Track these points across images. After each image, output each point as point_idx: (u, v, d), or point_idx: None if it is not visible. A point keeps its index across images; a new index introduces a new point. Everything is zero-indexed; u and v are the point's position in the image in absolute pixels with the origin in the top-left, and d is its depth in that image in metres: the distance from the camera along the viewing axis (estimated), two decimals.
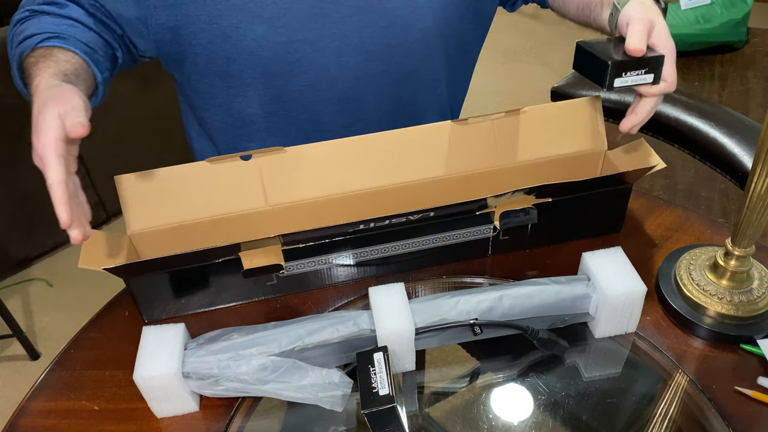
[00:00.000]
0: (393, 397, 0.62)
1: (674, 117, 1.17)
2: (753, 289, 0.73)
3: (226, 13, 0.80)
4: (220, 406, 0.70)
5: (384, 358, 0.65)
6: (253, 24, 0.81)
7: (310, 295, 0.81)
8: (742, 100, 1.65)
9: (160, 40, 0.83)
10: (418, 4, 0.86)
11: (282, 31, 0.82)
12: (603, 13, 0.81)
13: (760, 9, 2.60)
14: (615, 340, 0.75)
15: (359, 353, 0.65)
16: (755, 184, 0.65)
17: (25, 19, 0.79)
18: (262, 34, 0.82)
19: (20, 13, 0.80)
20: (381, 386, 0.63)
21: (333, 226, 0.74)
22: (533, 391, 0.71)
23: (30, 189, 1.82)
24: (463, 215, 0.78)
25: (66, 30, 0.77)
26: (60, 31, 0.76)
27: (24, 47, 0.75)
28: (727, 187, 1.37)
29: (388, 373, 0.63)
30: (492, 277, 0.82)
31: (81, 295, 1.82)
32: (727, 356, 0.72)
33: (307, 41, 0.84)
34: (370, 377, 0.63)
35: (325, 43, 0.85)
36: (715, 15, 1.77)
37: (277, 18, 0.81)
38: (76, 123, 0.62)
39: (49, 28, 0.76)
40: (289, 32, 0.83)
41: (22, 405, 0.72)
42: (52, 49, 0.74)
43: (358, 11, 0.84)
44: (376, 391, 0.62)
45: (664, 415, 0.68)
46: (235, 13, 0.80)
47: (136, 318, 0.79)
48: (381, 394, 0.62)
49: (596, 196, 0.81)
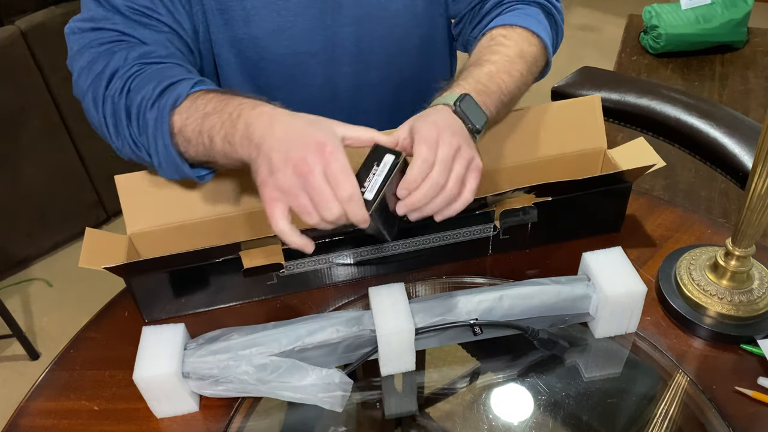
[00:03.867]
0: (371, 205, 0.59)
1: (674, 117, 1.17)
2: (753, 289, 0.73)
3: (232, 23, 0.80)
4: (220, 406, 0.70)
5: (393, 164, 0.60)
6: (258, 36, 0.81)
7: (310, 295, 0.81)
8: (742, 100, 1.65)
9: (206, 49, 0.82)
10: (417, 12, 0.86)
11: (286, 44, 0.82)
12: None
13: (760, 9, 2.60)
14: (615, 340, 0.75)
15: (377, 145, 0.62)
16: (755, 184, 0.65)
17: (135, 75, 0.70)
18: (265, 47, 0.82)
19: (124, 75, 0.69)
20: (369, 190, 0.60)
21: None
22: (533, 391, 0.71)
23: (30, 189, 1.82)
24: (463, 214, 0.78)
25: (197, 74, 0.72)
26: (194, 76, 0.70)
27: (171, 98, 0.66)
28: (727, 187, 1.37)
29: (386, 181, 0.60)
30: (492, 277, 0.82)
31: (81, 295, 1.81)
32: (727, 356, 0.71)
33: (310, 53, 0.84)
34: (367, 176, 0.60)
35: (327, 54, 0.85)
36: (715, 15, 1.77)
37: (281, 31, 0.81)
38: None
39: (181, 74, 0.70)
40: (293, 44, 0.82)
41: (22, 405, 0.72)
42: (212, 93, 0.67)
43: (358, 21, 0.84)
44: (363, 192, 0.60)
45: (664, 415, 0.68)
46: (240, 26, 0.80)
47: (136, 318, 0.79)
48: (366, 198, 0.59)
49: (596, 195, 0.81)
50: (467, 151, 0.65)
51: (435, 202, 0.63)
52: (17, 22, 1.66)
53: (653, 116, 1.19)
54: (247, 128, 0.62)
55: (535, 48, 0.80)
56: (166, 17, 0.75)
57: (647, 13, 1.83)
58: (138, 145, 0.70)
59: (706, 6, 1.79)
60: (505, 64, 0.76)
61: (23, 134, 1.73)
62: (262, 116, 0.62)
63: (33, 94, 1.71)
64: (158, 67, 0.71)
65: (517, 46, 0.78)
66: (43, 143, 1.78)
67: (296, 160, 0.57)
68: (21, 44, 1.65)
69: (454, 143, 0.64)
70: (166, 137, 0.67)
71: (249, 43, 0.81)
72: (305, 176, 0.57)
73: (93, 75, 0.71)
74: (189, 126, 0.66)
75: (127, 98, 0.69)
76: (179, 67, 0.73)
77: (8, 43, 1.62)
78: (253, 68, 0.84)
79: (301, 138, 0.59)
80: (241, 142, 0.62)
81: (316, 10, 0.81)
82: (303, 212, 0.59)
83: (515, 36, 0.80)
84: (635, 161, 0.81)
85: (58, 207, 1.91)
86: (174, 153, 0.67)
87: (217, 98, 0.66)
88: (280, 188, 0.58)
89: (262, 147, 0.60)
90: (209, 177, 0.72)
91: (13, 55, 1.64)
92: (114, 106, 0.70)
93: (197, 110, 0.66)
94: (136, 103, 0.68)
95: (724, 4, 1.78)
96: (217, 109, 0.65)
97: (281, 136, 0.59)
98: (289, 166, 0.57)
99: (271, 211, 0.59)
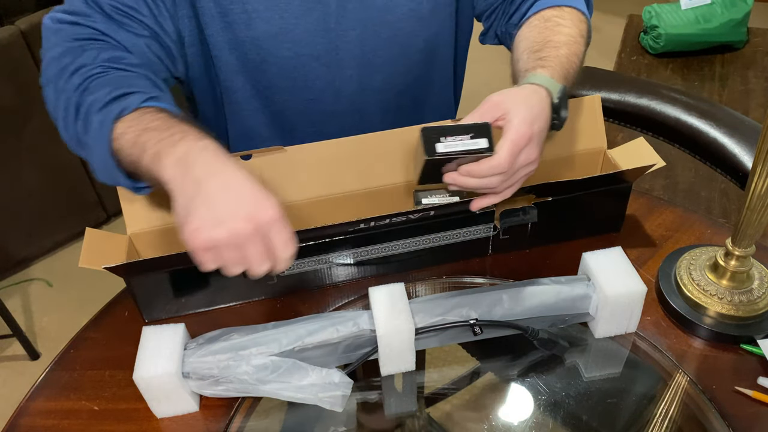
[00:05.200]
0: (434, 155, 0.64)
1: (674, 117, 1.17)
2: (753, 289, 0.73)
3: (233, 26, 0.80)
4: (220, 406, 0.70)
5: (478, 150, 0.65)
6: (260, 39, 0.81)
7: (310, 295, 0.81)
8: (742, 100, 1.65)
9: (193, 53, 0.82)
10: (423, 15, 0.86)
11: (288, 47, 0.82)
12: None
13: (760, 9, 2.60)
14: (615, 340, 0.75)
15: (488, 125, 0.66)
16: (755, 184, 0.65)
17: (96, 76, 0.70)
18: (268, 49, 0.82)
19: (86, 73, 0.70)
20: (445, 146, 0.64)
21: (333, 225, 0.74)
22: (533, 391, 0.71)
23: (30, 189, 1.82)
24: (463, 214, 0.78)
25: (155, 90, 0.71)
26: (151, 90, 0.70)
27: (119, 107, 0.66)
28: (727, 187, 1.37)
29: (462, 154, 0.64)
30: (492, 277, 0.82)
31: (81, 295, 1.81)
32: (727, 356, 0.71)
33: (312, 56, 0.84)
34: (458, 134, 0.64)
35: (330, 57, 0.85)
36: (715, 15, 1.77)
37: (283, 34, 0.81)
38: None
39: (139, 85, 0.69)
40: (295, 47, 0.82)
41: (22, 405, 0.72)
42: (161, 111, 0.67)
43: (362, 24, 0.83)
44: (439, 137, 0.64)
45: (664, 415, 0.68)
46: (242, 28, 0.80)
47: (136, 318, 0.79)
48: (438, 150, 0.64)
49: (596, 195, 0.80)
50: (534, 164, 0.69)
51: (477, 191, 0.70)
52: (17, 22, 1.66)
53: (653, 116, 1.19)
54: (187, 156, 0.60)
55: (584, 25, 0.83)
56: (148, 18, 0.75)
57: (647, 13, 1.83)
58: (81, 143, 0.70)
59: (706, 6, 1.79)
60: (573, 45, 0.78)
61: (23, 134, 1.73)
62: (206, 152, 0.60)
63: (33, 94, 1.70)
64: (121, 74, 0.70)
65: (574, 25, 0.81)
66: (43, 143, 1.78)
67: (244, 218, 0.57)
68: (21, 44, 1.65)
69: (533, 155, 0.68)
70: (105, 144, 0.66)
71: (251, 46, 0.81)
72: (248, 238, 0.57)
73: (59, 67, 0.71)
74: (126, 135, 0.65)
75: (81, 96, 0.69)
76: (145, 79, 0.72)
77: (8, 43, 1.63)
78: (254, 71, 0.84)
79: (252, 196, 0.58)
80: (176, 165, 0.60)
81: (319, 13, 0.81)
82: (231, 265, 0.59)
83: (568, 16, 0.82)
84: (635, 161, 0.81)
85: (58, 207, 1.91)
86: (111, 160, 0.66)
87: (165, 118, 0.65)
88: (216, 240, 0.57)
89: (202, 187, 0.58)
90: (147, 191, 0.71)
91: (13, 55, 1.64)
92: (67, 101, 0.70)
93: (140, 123, 0.65)
94: (86, 103, 0.68)
95: (724, 4, 1.78)
96: (160, 128, 0.64)
97: (229, 186, 0.58)
98: (235, 223, 0.57)
99: (203, 258, 0.59)
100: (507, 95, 0.69)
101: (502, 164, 0.66)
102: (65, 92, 0.70)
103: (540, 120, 0.68)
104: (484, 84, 2.62)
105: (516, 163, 0.67)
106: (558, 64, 0.74)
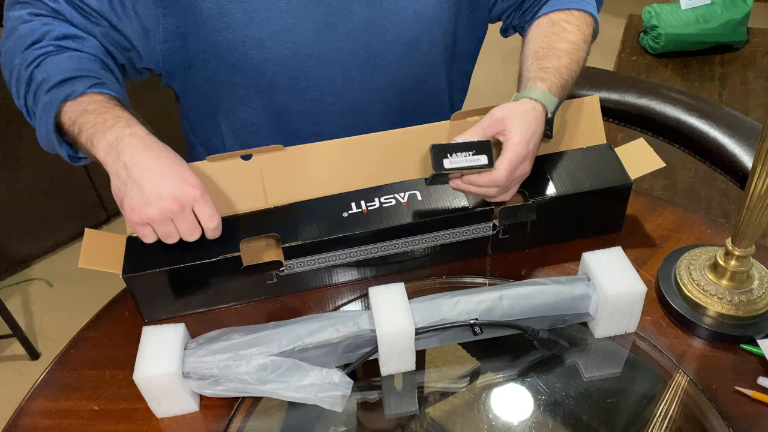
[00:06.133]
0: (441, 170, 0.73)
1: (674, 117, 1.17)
2: (753, 289, 0.73)
3: (233, 26, 0.79)
4: (220, 406, 0.70)
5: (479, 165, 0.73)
6: (261, 38, 0.81)
7: (310, 295, 0.81)
8: (742, 100, 1.65)
9: (170, 48, 0.82)
10: (427, 18, 0.86)
11: (289, 46, 0.82)
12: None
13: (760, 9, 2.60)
14: (615, 340, 0.75)
15: (489, 142, 0.75)
16: (755, 184, 0.65)
17: (48, 54, 0.74)
18: (268, 48, 0.81)
19: (39, 49, 0.74)
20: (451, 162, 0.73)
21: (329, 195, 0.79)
22: (533, 391, 0.71)
23: (30, 189, 1.82)
24: (462, 211, 0.78)
25: (104, 75, 0.75)
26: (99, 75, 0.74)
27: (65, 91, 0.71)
28: (727, 187, 1.37)
29: (465, 169, 0.73)
30: (492, 277, 0.82)
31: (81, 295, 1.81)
32: (727, 356, 0.71)
33: (313, 55, 0.84)
34: (462, 152, 0.73)
35: (332, 57, 0.85)
36: (715, 15, 1.77)
37: (284, 32, 0.81)
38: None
39: (88, 69, 0.74)
40: (296, 46, 0.82)
41: (22, 405, 0.72)
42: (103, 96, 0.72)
43: (367, 25, 0.83)
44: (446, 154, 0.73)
45: (664, 415, 0.68)
46: (241, 27, 0.80)
47: (136, 318, 0.79)
48: (445, 166, 0.73)
49: (596, 195, 0.81)
50: (527, 175, 0.78)
51: (477, 196, 0.79)
52: None
53: (653, 116, 1.19)
54: (118, 143, 0.68)
55: (590, 28, 0.89)
56: (107, 11, 0.77)
57: (647, 13, 1.83)
58: (30, 113, 0.76)
59: (705, 6, 1.79)
60: (574, 53, 0.84)
61: (23, 134, 1.73)
62: (134, 138, 0.68)
63: None
64: (73, 54, 0.75)
65: (579, 31, 0.86)
66: None
67: (170, 198, 0.66)
68: None
69: (527, 169, 0.77)
70: (50, 122, 0.72)
71: (252, 45, 0.81)
72: (176, 214, 0.67)
73: (15, 36, 0.75)
74: (68, 114, 0.71)
75: (33, 72, 0.73)
76: (96, 60, 0.77)
77: None
78: (255, 70, 0.84)
79: (175, 178, 0.68)
80: (108, 150, 0.68)
81: (321, 13, 0.81)
82: (166, 236, 0.69)
83: (575, 21, 0.87)
84: (635, 162, 0.81)
85: (59, 207, 1.91)
86: (53, 136, 0.72)
87: (102, 102, 0.71)
88: (150, 218, 0.67)
89: (132, 171, 0.67)
90: (86, 161, 0.76)
91: None
92: (19, 73, 0.75)
93: (81, 105, 0.71)
94: (37, 80, 0.73)
95: (723, 4, 1.78)
96: (96, 111, 0.70)
97: (155, 169, 0.67)
98: (163, 203, 0.66)
99: (142, 233, 0.69)
100: (507, 112, 0.76)
101: (499, 179, 0.74)
102: (18, 65, 0.75)
103: (535, 137, 0.76)
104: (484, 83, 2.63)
105: (512, 177, 0.75)
106: (557, 77, 0.80)
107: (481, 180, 0.74)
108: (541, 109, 0.77)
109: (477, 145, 0.74)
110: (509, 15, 0.95)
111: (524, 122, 0.75)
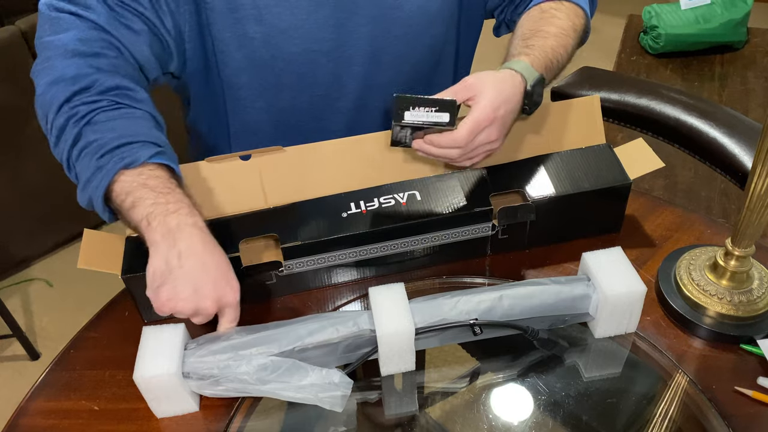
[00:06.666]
0: (402, 123, 0.72)
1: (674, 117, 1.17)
2: (753, 289, 0.73)
3: (243, 21, 0.79)
4: (220, 406, 0.70)
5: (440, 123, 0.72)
6: (270, 35, 0.81)
7: (310, 295, 0.81)
8: (742, 100, 1.65)
9: (192, 48, 0.81)
10: (430, 12, 0.86)
11: (297, 42, 0.82)
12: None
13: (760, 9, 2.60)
14: (615, 340, 0.75)
15: (454, 102, 0.72)
16: (755, 184, 0.65)
17: (100, 110, 0.70)
18: (277, 44, 0.82)
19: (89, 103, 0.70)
20: (413, 116, 0.72)
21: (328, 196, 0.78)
22: (533, 391, 0.71)
23: (30, 189, 1.82)
24: (462, 211, 0.78)
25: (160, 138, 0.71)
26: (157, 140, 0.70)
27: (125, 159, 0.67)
28: (727, 187, 1.37)
29: (425, 127, 0.72)
30: (492, 277, 0.82)
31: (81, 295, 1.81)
32: (727, 356, 0.71)
33: (321, 51, 0.84)
34: (424, 106, 0.72)
35: (339, 53, 0.85)
36: (715, 15, 1.77)
37: (293, 29, 0.81)
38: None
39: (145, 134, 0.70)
40: (304, 43, 0.82)
41: (22, 405, 0.72)
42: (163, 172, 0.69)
43: (373, 21, 0.84)
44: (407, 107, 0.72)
45: (664, 415, 0.68)
46: (251, 24, 0.80)
47: (136, 318, 0.79)
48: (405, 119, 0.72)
49: (596, 195, 0.81)
50: (496, 143, 0.75)
51: (438, 158, 0.77)
52: (17, 22, 1.66)
53: (653, 116, 1.19)
54: (179, 231, 0.66)
55: (581, 20, 0.88)
56: (149, 11, 0.75)
57: (647, 13, 1.83)
58: (70, 167, 0.72)
59: (705, 6, 1.79)
60: (562, 37, 0.83)
61: (24, 134, 1.73)
62: (195, 229, 0.67)
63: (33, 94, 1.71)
64: (128, 112, 0.71)
65: (568, 19, 0.86)
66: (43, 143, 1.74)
67: (211, 299, 0.67)
68: (21, 44, 1.65)
69: (493, 135, 0.74)
70: (101, 189, 0.68)
71: (261, 42, 0.81)
72: (208, 312, 0.68)
73: (57, 74, 0.71)
74: (122, 184, 0.68)
75: (82, 128, 0.69)
76: (149, 119, 0.73)
77: (8, 43, 1.62)
78: (263, 67, 0.84)
79: (221, 277, 0.67)
80: (165, 235, 0.66)
81: (330, 9, 0.81)
82: (179, 316, 0.68)
83: (564, 9, 0.87)
84: (634, 162, 0.81)
85: (58, 207, 1.90)
86: (100, 200, 0.69)
87: (164, 180, 0.69)
88: (181, 311, 0.66)
89: (185, 261, 0.65)
90: (114, 220, 0.73)
91: (13, 55, 1.64)
92: (65, 122, 0.70)
93: (140, 177, 0.68)
94: (88, 139, 0.69)
95: (723, 4, 1.78)
96: (157, 189, 0.67)
97: (207, 266, 0.67)
98: (202, 302, 0.66)
99: (160, 313, 0.67)
100: (481, 78, 0.74)
101: (459, 140, 0.72)
102: (65, 114, 0.70)
103: (508, 104, 0.74)
104: None
105: (474, 141, 0.73)
106: (542, 54, 0.79)
107: (442, 140, 0.73)
108: (520, 79, 0.75)
109: (441, 103, 0.72)
110: (502, 10, 0.95)
111: (496, 88, 0.73)
